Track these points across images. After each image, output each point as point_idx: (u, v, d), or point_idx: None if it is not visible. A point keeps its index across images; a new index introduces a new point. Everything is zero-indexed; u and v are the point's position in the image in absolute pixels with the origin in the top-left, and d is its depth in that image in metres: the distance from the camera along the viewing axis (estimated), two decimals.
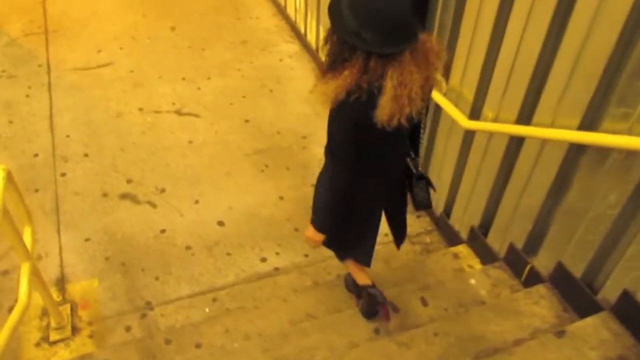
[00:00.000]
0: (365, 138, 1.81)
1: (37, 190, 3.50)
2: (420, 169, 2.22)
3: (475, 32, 2.47)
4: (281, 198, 3.52)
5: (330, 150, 1.91)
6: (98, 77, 4.60)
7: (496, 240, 2.76)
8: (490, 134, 2.58)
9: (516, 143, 2.45)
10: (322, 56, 1.83)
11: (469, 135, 2.76)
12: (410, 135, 2.09)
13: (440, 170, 3.14)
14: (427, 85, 1.79)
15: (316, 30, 4.69)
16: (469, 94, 2.65)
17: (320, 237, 2.11)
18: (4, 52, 4.89)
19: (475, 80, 2.57)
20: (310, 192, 3.56)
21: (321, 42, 1.85)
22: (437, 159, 3.15)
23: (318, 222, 2.10)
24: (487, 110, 2.55)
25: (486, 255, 2.84)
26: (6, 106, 4.22)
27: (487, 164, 2.66)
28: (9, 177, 2.38)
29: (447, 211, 3.17)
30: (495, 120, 2.50)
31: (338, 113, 1.77)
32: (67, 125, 4.05)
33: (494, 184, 2.65)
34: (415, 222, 3.40)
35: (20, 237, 2.35)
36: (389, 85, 1.67)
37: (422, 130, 2.14)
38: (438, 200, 3.25)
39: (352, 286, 2.74)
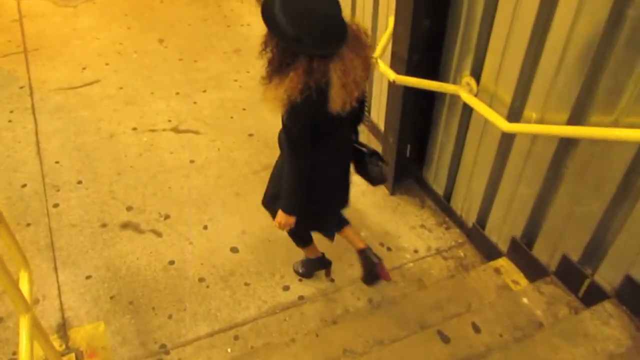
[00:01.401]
0: (320, 129, 1.96)
1: (28, 225, 3.19)
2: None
3: (515, 22, 2.22)
4: None
5: (289, 145, 2.00)
6: (85, 97, 4.29)
7: (544, 252, 2.52)
8: (535, 137, 2.34)
9: (567, 146, 2.21)
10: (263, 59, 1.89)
11: (507, 138, 2.51)
12: (355, 120, 2.30)
13: (471, 177, 2.89)
14: (367, 65, 1.92)
15: None
16: (506, 94, 2.41)
17: (291, 219, 2.22)
18: None
19: (514, 78, 2.33)
20: None
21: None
22: (466, 165, 2.90)
23: (288, 206, 2.19)
24: (530, 111, 2.31)
25: (532, 269, 2.60)
26: None
27: (532, 169, 2.42)
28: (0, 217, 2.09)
29: (481, 221, 2.92)
30: (541, 121, 2.26)
31: (293, 113, 1.85)
32: (56, 150, 3.73)
33: (540, 190, 2.41)
34: (444, 235, 3.15)
35: (16, 286, 2.05)
36: (335, 77, 1.79)
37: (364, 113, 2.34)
38: (469, 210, 3.01)
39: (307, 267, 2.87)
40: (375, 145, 3.75)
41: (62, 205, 3.31)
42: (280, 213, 2.20)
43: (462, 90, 2.63)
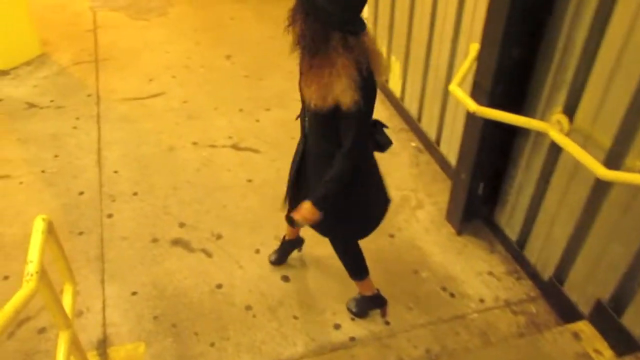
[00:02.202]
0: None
1: (81, 233, 3.13)
2: None
3: (625, 52, 1.96)
4: None
5: (359, 136, 1.92)
6: (149, 108, 4.29)
7: (637, 322, 2.19)
8: (637, 188, 2.05)
9: None
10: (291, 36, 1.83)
11: (602, 186, 2.23)
12: None
13: (552, 225, 2.60)
14: None
15: (386, 58, 4.27)
16: (605, 137, 2.14)
17: (318, 215, 2.08)
18: (53, 81, 4.65)
19: (618, 118, 2.06)
20: (389, 243, 3.12)
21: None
22: (548, 211, 2.62)
23: (324, 202, 2.06)
24: (634, 159, 2.03)
25: (620, 340, 2.27)
26: (53, 138, 3.92)
27: (630, 225, 2.12)
28: (50, 228, 2.00)
29: (560, 276, 2.61)
30: None
31: (366, 90, 1.83)
32: (116, 160, 3.71)
33: (638, 250, 2.11)
34: (515, 286, 2.86)
35: (59, 302, 1.95)
36: (375, 49, 1.90)
37: None
38: (546, 261, 2.71)
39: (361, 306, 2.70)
40: (444, 179, 3.53)
41: (116, 216, 3.24)
42: (310, 207, 2.06)
43: (552, 128, 2.36)
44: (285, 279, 2.88)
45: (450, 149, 3.49)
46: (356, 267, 2.57)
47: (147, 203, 3.34)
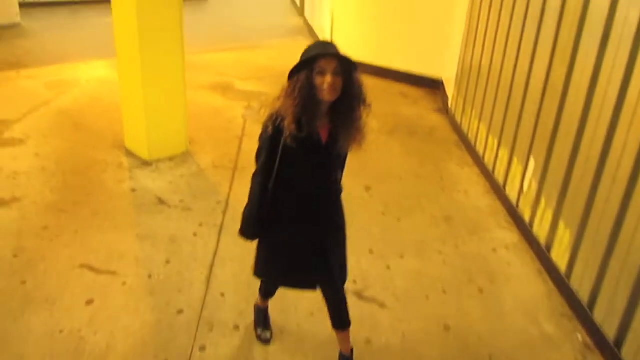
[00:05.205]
0: None
1: None
2: None
3: None
4: None
5: None
6: None
7: None
8: None
9: None
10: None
11: None
12: None
13: None
14: None
15: (552, 223, 3.59)
16: None
17: None
18: (189, 181, 4.58)
19: None
20: None
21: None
22: None
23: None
24: None
25: None
26: (170, 241, 3.69)
27: None
28: None
29: None
30: None
31: None
32: (226, 280, 3.33)
33: None
34: None
35: None
36: None
37: None
38: None
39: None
40: None
41: (209, 351, 2.77)
42: None
43: None
44: None
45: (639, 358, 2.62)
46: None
47: (247, 343, 2.84)
